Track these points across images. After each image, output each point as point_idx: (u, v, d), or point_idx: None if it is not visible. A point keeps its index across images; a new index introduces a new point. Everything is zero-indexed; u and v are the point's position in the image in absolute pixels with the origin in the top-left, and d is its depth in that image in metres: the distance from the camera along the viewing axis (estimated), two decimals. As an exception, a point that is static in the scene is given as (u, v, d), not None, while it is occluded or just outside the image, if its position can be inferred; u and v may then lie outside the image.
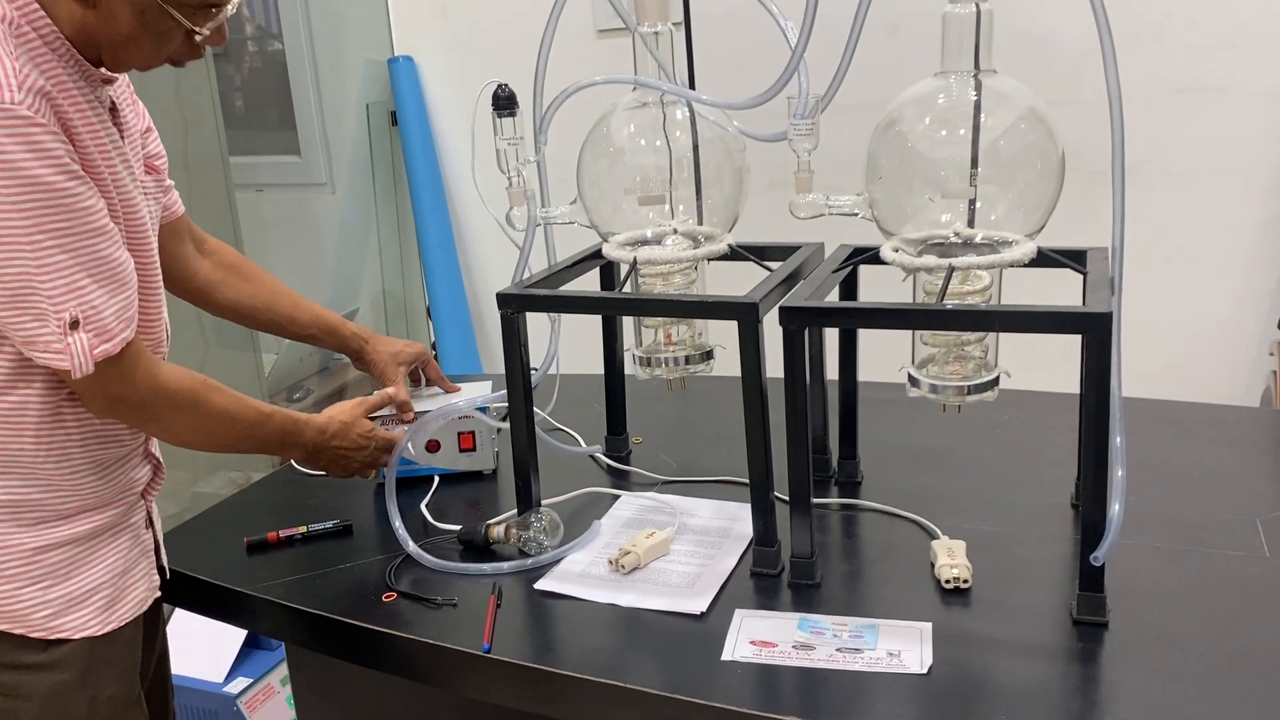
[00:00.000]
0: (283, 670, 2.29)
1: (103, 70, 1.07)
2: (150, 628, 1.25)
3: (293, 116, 3.01)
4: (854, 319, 1.14)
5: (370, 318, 3.10)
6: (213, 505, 1.54)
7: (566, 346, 1.47)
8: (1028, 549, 1.23)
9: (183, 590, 1.32)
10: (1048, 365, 1.40)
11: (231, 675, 2.23)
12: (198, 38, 1.06)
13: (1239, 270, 2.28)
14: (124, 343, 1.04)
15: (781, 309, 1.11)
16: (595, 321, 1.49)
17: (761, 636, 1.08)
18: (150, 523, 1.24)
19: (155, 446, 1.25)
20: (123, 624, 1.15)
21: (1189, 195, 2.27)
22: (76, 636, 1.10)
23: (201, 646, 2.24)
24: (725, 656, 1.05)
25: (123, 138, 1.11)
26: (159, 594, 1.23)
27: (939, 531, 1.25)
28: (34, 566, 1.08)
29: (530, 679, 1.07)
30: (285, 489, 1.58)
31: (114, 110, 1.11)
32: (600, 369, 1.54)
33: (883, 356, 1.39)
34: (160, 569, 1.26)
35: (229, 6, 1.06)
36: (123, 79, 1.16)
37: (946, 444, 1.53)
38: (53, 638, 1.09)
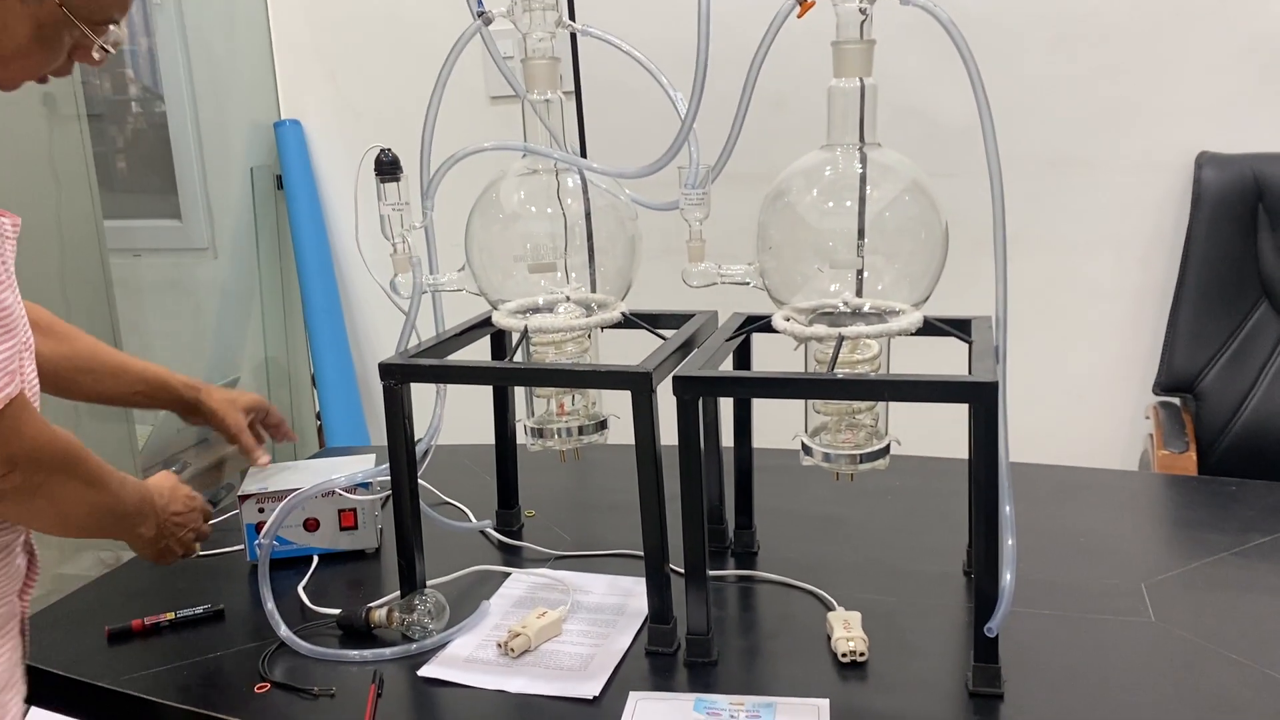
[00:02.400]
0: (151, 765, 2.14)
1: None
2: None
3: (174, 179, 2.91)
4: (747, 388, 1.14)
5: (252, 386, 2.99)
6: (75, 589, 1.44)
7: (454, 416, 1.43)
8: (922, 619, 1.22)
9: (38, 686, 1.21)
10: (937, 430, 1.41)
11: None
12: (96, 54, 1.02)
13: (1115, 337, 2.36)
14: (5, 399, 0.94)
15: (675, 378, 1.10)
16: (485, 391, 1.45)
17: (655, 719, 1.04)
18: (24, 630, 1.12)
19: (33, 535, 1.15)
20: None
21: (1066, 264, 2.35)
22: None
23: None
24: (619, 742, 1.01)
25: None
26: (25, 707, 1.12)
27: (835, 603, 1.24)
28: None
29: (413, 774, 1.01)
30: (152, 571, 1.48)
31: None
32: (490, 439, 1.50)
33: (777, 423, 1.38)
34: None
35: (124, 21, 1.03)
36: None
37: (840, 511, 1.53)
38: None
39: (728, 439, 1.37)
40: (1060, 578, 1.29)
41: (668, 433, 1.13)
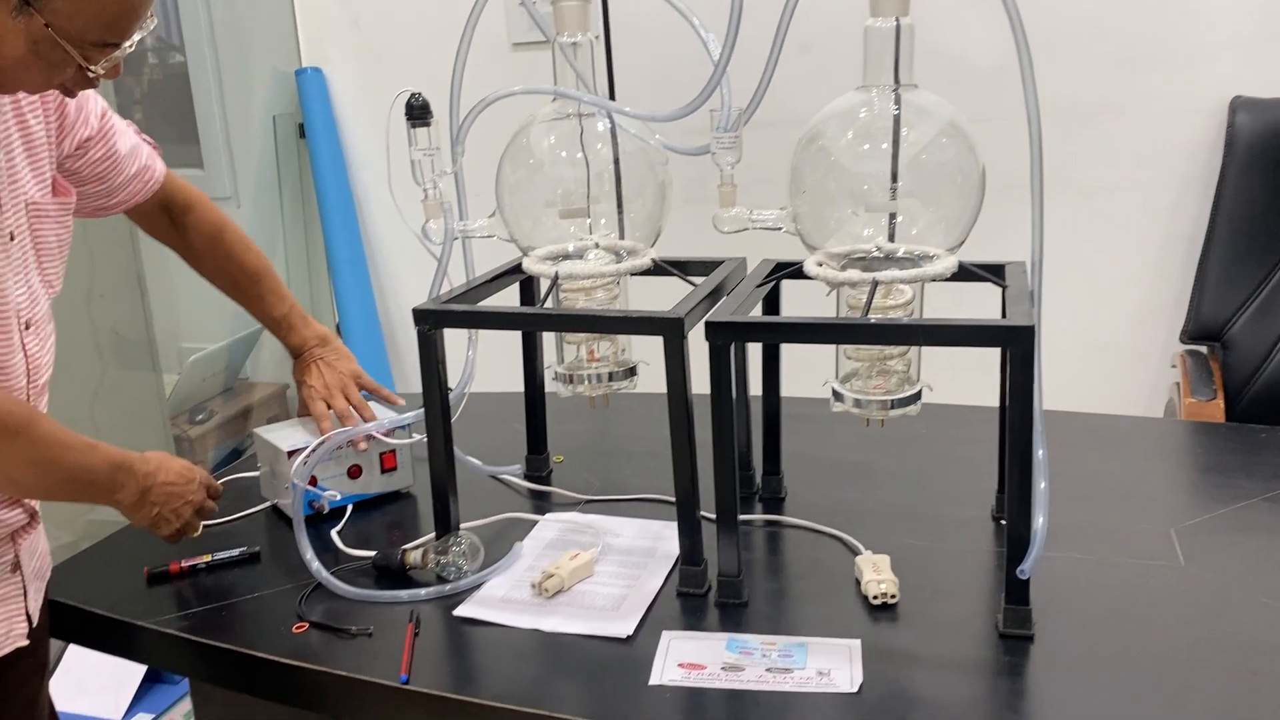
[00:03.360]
0: (186, 704, 2.19)
1: None
2: (24, 679, 1.17)
3: (195, 129, 2.91)
4: (780, 334, 1.13)
5: (272, 342, 3.00)
6: (110, 534, 1.46)
7: (483, 364, 1.44)
8: (951, 563, 1.23)
9: (79, 626, 1.25)
10: (963, 379, 1.41)
11: (131, 711, 2.12)
12: (90, 74, 1.02)
13: (1141, 284, 2.35)
14: None
15: (708, 324, 1.10)
16: (512, 338, 1.45)
17: (689, 659, 1.06)
18: (18, 566, 1.15)
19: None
20: None
21: (1093, 211, 2.33)
22: None
23: (98, 682, 2.13)
24: (653, 680, 1.03)
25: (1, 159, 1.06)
26: (24, 643, 1.15)
27: (862, 547, 1.24)
28: None
29: (450, 710, 1.03)
30: (188, 516, 1.50)
31: None
32: (517, 386, 1.51)
33: (805, 371, 1.39)
34: (28, 616, 1.17)
35: (126, 45, 1.02)
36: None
37: (868, 458, 1.53)
38: None
39: (755, 388, 1.37)
40: (1089, 522, 1.29)
41: (698, 381, 1.14)
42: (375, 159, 2.89)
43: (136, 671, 2.15)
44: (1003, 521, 1.31)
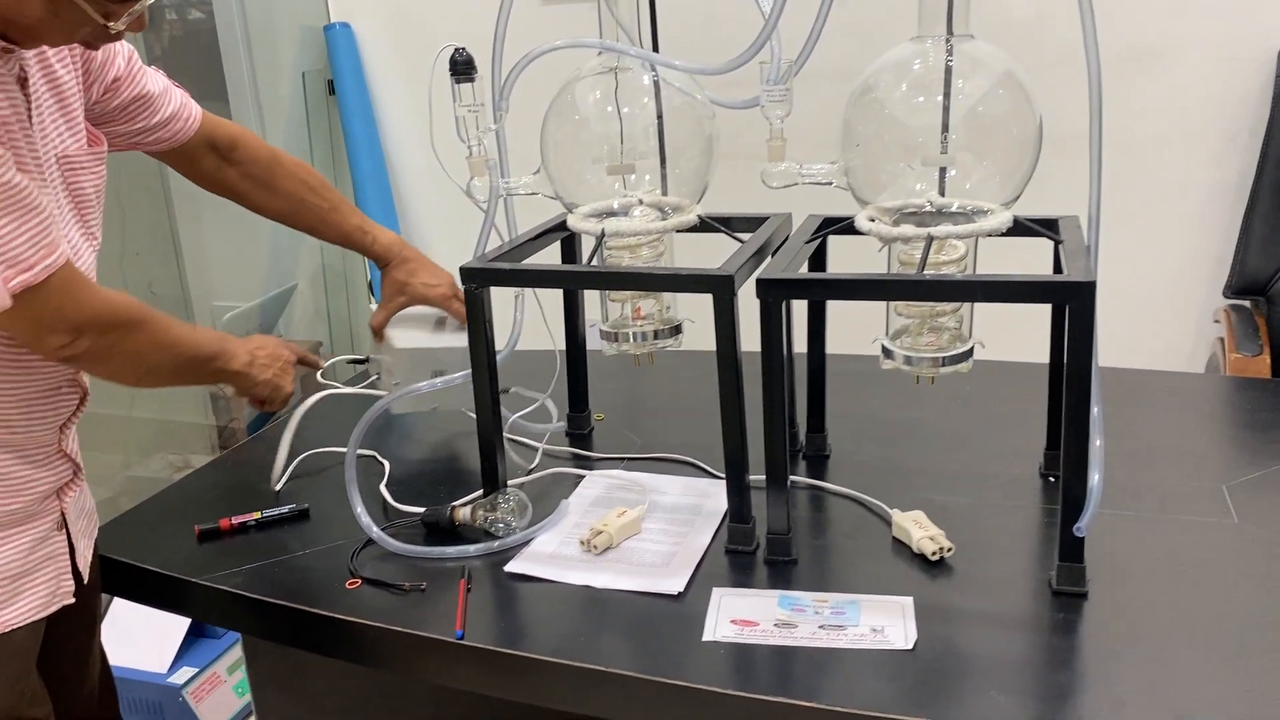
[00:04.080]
0: (229, 658, 2.22)
1: (2, 42, 1.01)
2: (73, 633, 1.19)
3: (224, 86, 2.89)
4: (834, 291, 1.12)
5: (310, 294, 3.02)
6: (157, 492, 1.47)
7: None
8: (999, 520, 1.23)
9: (132, 582, 1.26)
10: (1004, 336, 1.39)
11: (175, 665, 2.16)
12: (112, 29, 1.02)
13: (1183, 237, 2.31)
14: (48, 270, 0.99)
15: (760, 281, 1.09)
16: (551, 296, 1.44)
17: (742, 615, 1.06)
18: (64, 524, 1.17)
19: (74, 445, 1.19)
20: (11, 628, 1.08)
21: (1135, 163, 2.29)
22: None
23: (143, 636, 2.16)
24: (706, 637, 1.03)
25: (30, 115, 1.06)
26: (71, 600, 1.16)
27: (905, 506, 1.23)
28: None
29: (507, 665, 1.04)
30: (234, 472, 1.52)
31: (24, 83, 1.05)
32: (550, 345, 1.50)
33: (846, 327, 1.37)
34: (76, 575, 1.18)
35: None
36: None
37: (911, 416, 1.52)
38: None
39: (799, 345, 1.36)
40: (1139, 479, 1.28)
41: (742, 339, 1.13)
42: (405, 115, 2.87)
43: (180, 626, 2.18)
44: (1051, 479, 1.31)
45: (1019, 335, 1.41)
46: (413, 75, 2.83)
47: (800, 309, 1.33)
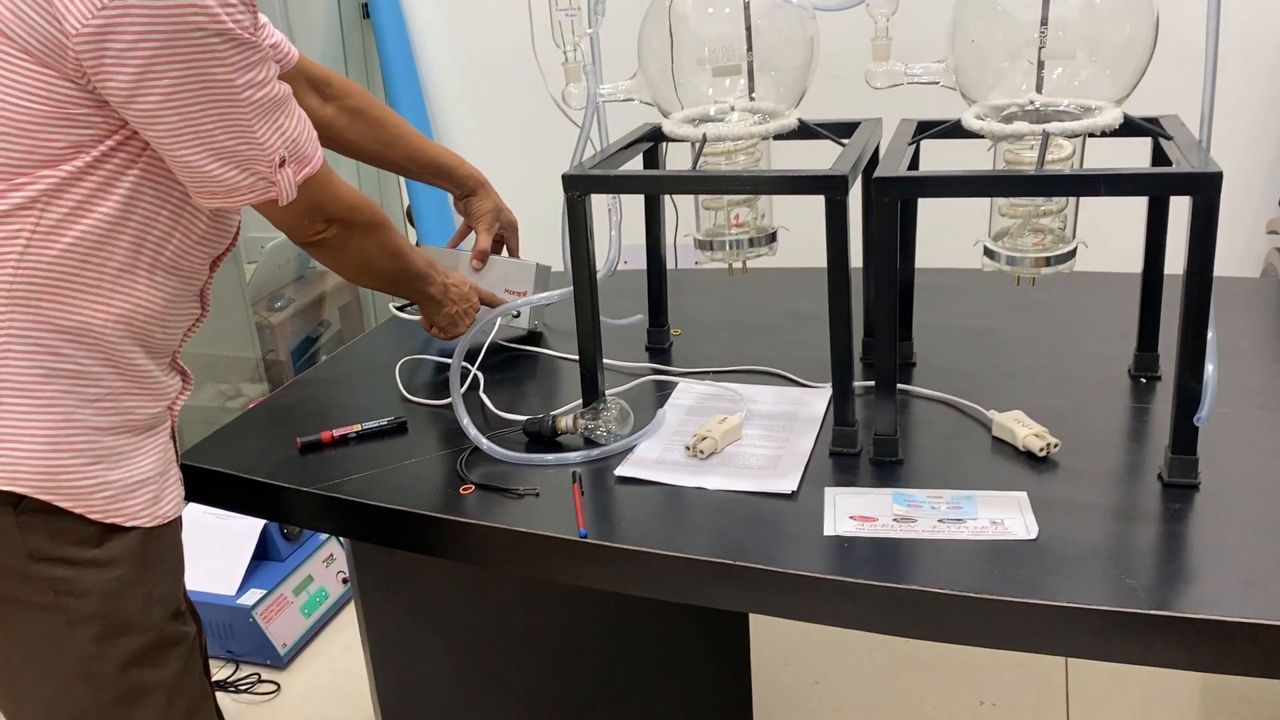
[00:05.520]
0: (295, 580, 2.26)
1: None
2: (176, 539, 1.22)
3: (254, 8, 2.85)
4: (956, 188, 1.09)
5: (346, 223, 3.00)
6: (247, 411, 1.49)
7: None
8: (1097, 419, 1.24)
9: (239, 493, 1.28)
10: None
11: (243, 588, 2.19)
12: None
13: (1239, 149, 2.30)
14: (321, 160, 1.11)
15: (876, 180, 1.09)
16: (631, 209, 1.44)
17: (859, 512, 1.08)
18: (174, 435, 1.19)
19: (180, 359, 1.20)
20: (167, 521, 1.12)
21: (1188, 74, 2.27)
22: (130, 524, 1.06)
23: (209, 559, 2.20)
24: (828, 532, 1.05)
25: None
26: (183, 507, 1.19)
27: (1000, 408, 1.25)
28: (97, 445, 1.05)
29: (634, 561, 1.06)
30: (320, 388, 1.53)
31: None
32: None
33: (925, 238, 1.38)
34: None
35: None
36: None
37: (990, 325, 1.53)
38: (109, 521, 1.05)
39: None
40: (1230, 379, 1.29)
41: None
42: (441, 40, 2.83)
43: (247, 548, 2.21)
44: (1142, 379, 1.32)
45: (1094, 245, 1.42)
46: (449, -2, 2.79)
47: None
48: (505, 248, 1.62)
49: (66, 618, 1.04)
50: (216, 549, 2.19)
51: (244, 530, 2.21)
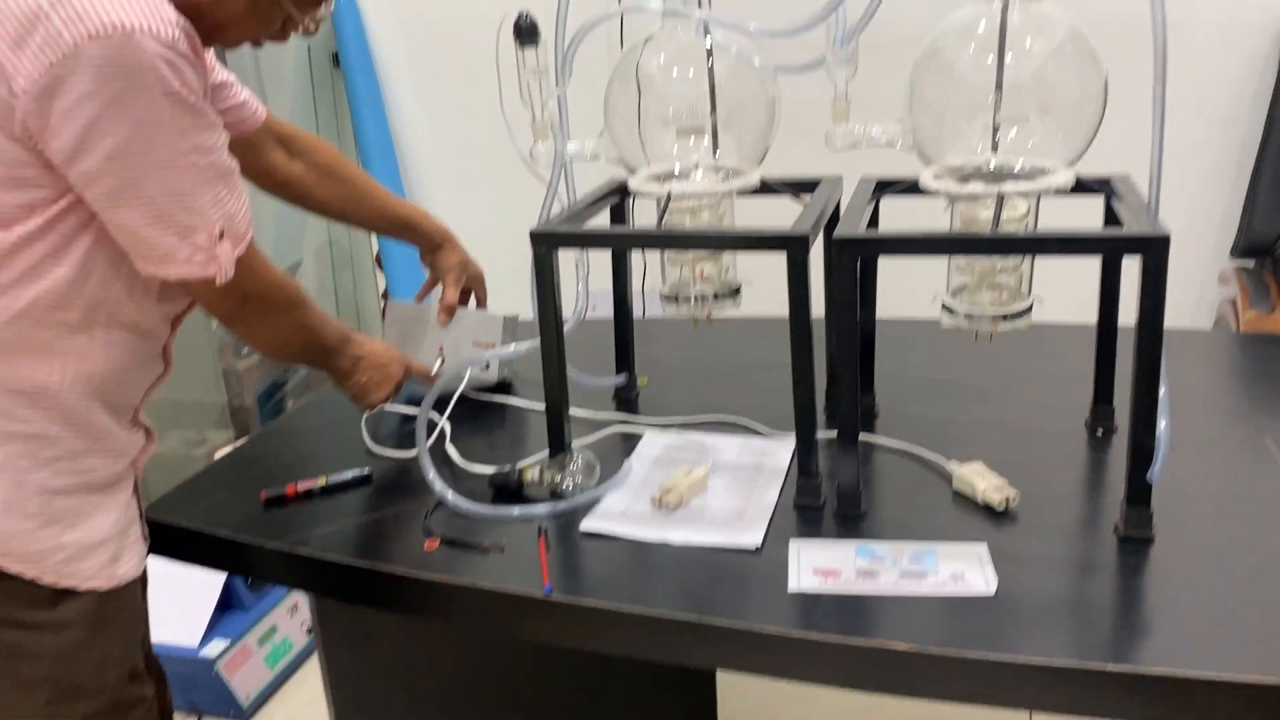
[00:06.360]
0: (260, 630, 2.23)
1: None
2: (135, 596, 1.21)
3: (224, 58, 2.86)
4: (912, 248, 1.12)
5: (314, 269, 3.01)
6: (212, 464, 1.48)
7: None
8: (1054, 471, 1.26)
9: (204, 548, 1.27)
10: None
11: (207, 638, 2.16)
12: (300, 30, 1.10)
13: (1190, 200, 2.36)
14: (250, 239, 1.08)
15: (836, 239, 1.11)
16: (598, 263, 1.46)
17: (823, 565, 1.09)
18: (136, 490, 1.19)
19: (143, 415, 1.20)
20: (125, 582, 1.11)
21: (1146, 126, 2.33)
22: (84, 587, 1.05)
23: (173, 610, 2.16)
24: (792, 588, 1.06)
25: None
26: (145, 565, 1.19)
27: (960, 459, 1.26)
28: (51, 507, 1.04)
29: (599, 619, 1.06)
30: (287, 439, 1.53)
31: None
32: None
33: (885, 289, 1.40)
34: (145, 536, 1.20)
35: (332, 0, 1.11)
36: None
37: (951, 376, 1.56)
38: (62, 585, 1.04)
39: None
40: (1185, 430, 1.31)
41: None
42: (411, 88, 2.86)
43: (210, 598, 2.18)
44: (1099, 432, 1.35)
45: (1051, 297, 1.45)
46: (418, 48, 2.82)
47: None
48: (474, 298, 1.63)
49: (17, 682, 1.02)
50: (180, 598, 2.16)
51: (207, 579, 2.18)
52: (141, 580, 1.18)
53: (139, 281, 1.07)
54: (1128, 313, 1.21)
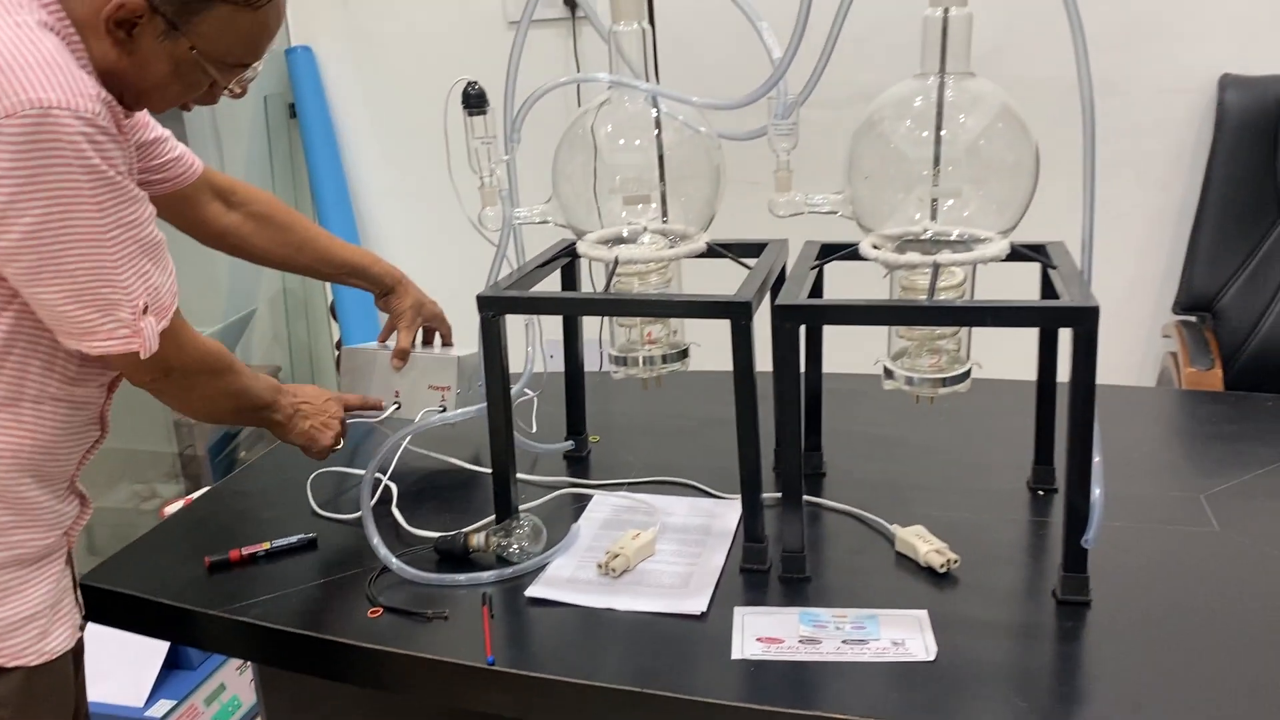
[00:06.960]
0: (206, 689, 2.19)
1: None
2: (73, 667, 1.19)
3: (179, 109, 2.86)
4: (849, 317, 1.15)
5: (269, 318, 2.99)
6: (156, 526, 1.46)
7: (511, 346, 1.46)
8: (996, 532, 1.28)
9: (144, 615, 1.25)
10: (978, 354, 1.46)
11: (152, 698, 2.12)
12: (226, 93, 1.09)
13: (1131, 257, 2.42)
14: (174, 313, 1.08)
15: (778, 307, 1.13)
16: (549, 322, 1.47)
17: (766, 633, 1.10)
18: (70, 560, 1.17)
19: (79, 483, 1.19)
20: (54, 657, 1.09)
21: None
22: (11, 664, 1.04)
23: (118, 669, 2.12)
24: (735, 655, 1.06)
25: None
26: (80, 635, 1.17)
27: (904, 521, 1.27)
28: None
29: (540, 690, 1.05)
30: (234, 501, 1.52)
31: None
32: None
33: (831, 346, 1.42)
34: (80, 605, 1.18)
35: (258, 65, 1.09)
36: None
37: (897, 433, 1.58)
38: None
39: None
40: (1123, 491, 1.34)
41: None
42: (367, 139, 2.87)
43: (156, 657, 2.14)
44: (1040, 492, 1.37)
45: (996, 353, 1.48)
46: (375, 99, 2.84)
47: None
48: (437, 338, 1.61)
49: None
50: (124, 657, 2.12)
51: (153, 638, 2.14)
52: (75, 652, 1.15)
53: (61, 353, 1.06)
54: (1068, 371, 1.23)
